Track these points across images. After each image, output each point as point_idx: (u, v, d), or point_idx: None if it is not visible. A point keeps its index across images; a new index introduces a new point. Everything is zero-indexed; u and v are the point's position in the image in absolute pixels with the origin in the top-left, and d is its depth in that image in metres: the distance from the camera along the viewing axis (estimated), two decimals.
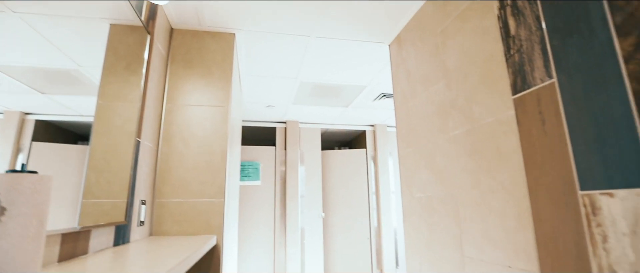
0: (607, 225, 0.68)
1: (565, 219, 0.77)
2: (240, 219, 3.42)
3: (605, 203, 0.68)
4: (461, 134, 1.16)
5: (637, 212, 0.62)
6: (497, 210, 0.98)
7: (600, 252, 0.69)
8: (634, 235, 0.63)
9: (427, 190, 1.38)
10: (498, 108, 0.99)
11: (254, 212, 3.48)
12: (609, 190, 0.67)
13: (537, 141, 0.85)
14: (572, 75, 0.76)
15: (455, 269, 1.18)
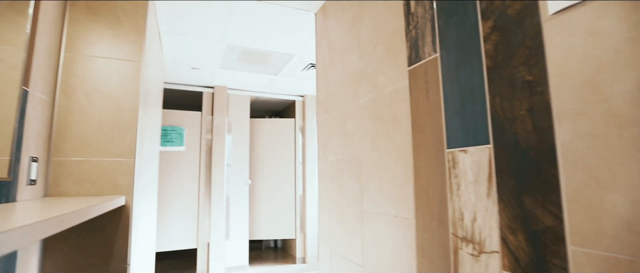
0: (461, 176, 0.83)
1: (435, 172, 0.92)
2: (162, 185, 3.28)
3: (461, 159, 0.83)
4: (368, 101, 1.27)
5: (479, 164, 0.78)
6: (390, 168, 1.12)
7: (454, 198, 0.85)
8: (476, 183, 0.79)
9: (339, 153, 1.50)
10: (397, 78, 1.10)
11: (178, 179, 3.36)
12: (465, 148, 0.82)
13: (422, 107, 0.98)
14: (450, 51, 0.89)
15: (356, 222, 1.32)
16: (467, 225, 0.81)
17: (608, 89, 0.55)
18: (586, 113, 0.58)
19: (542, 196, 0.64)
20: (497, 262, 0.73)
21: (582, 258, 0.58)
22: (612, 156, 0.54)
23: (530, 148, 0.67)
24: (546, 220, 0.64)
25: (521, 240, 0.68)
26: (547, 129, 0.64)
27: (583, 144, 0.58)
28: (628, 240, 0.52)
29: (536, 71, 0.67)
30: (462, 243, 0.82)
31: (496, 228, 0.74)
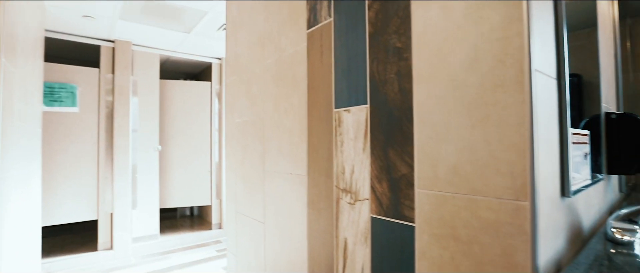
0: (344, 133, 0.91)
1: (325, 131, 0.99)
2: (49, 151, 2.86)
3: (345, 118, 0.91)
4: (272, 63, 1.27)
5: (358, 123, 0.86)
6: (288, 129, 1.16)
7: (338, 154, 0.93)
8: (355, 140, 0.88)
9: (244, 115, 1.49)
10: (297, 40, 1.12)
11: (71, 144, 2.96)
12: (348, 108, 0.90)
13: (317, 69, 1.03)
14: (342, 15, 0.93)
15: (259, 182, 1.36)
16: (347, 177, 0.90)
17: (450, 57, 0.65)
18: (434, 77, 0.68)
19: (401, 149, 0.75)
20: (367, 207, 0.84)
21: (423, 198, 0.70)
22: (448, 113, 0.65)
23: (396, 108, 0.76)
24: (402, 168, 0.75)
25: (385, 187, 0.79)
26: (408, 91, 0.73)
27: (431, 104, 0.68)
28: (453, 181, 0.64)
29: (404, 39, 0.75)
30: (343, 193, 0.92)
31: (368, 179, 0.84)
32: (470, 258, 0.62)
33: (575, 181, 0.67)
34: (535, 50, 0.56)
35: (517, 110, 0.55)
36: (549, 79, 0.62)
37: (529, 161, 0.54)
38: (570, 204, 0.69)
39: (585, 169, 0.75)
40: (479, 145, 0.60)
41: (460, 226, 0.63)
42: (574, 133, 0.69)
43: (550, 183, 0.61)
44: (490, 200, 0.58)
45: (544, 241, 0.57)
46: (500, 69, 0.57)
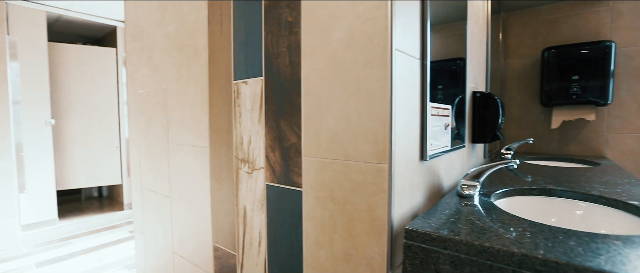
0: (242, 105, 0.92)
1: (225, 102, 0.98)
2: None
3: (243, 89, 0.92)
4: (173, 30, 1.20)
5: (255, 94, 0.88)
6: (191, 100, 1.13)
7: (237, 125, 0.94)
8: (252, 111, 0.89)
9: (147, 85, 1.39)
10: (198, 7, 1.07)
11: None
12: (246, 79, 0.91)
13: (217, 40, 1.00)
14: None
15: (163, 155, 1.30)
16: (245, 147, 0.92)
17: (332, 34, 0.70)
18: (319, 52, 0.72)
19: (291, 119, 0.79)
20: (262, 176, 0.88)
21: (308, 165, 0.76)
22: (329, 86, 0.71)
23: (287, 80, 0.80)
24: (292, 138, 0.79)
25: (277, 156, 0.83)
26: (297, 65, 0.77)
27: (315, 77, 0.73)
28: (332, 148, 0.71)
29: (295, 14, 0.77)
30: (242, 163, 0.94)
31: (263, 148, 0.87)
32: (344, 215, 0.70)
33: (433, 148, 0.79)
34: (397, 32, 0.64)
35: (381, 85, 0.63)
36: (413, 59, 0.71)
37: (388, 129, 0.62)
38: (429, 166, 0.82)
39: (446, 138, 0.89)
40: (353, 116, 0.67)
41: (337, 189, 0.71)
42: (435, 107, 0.81)
43: (410, 149, 0.71)
44: (360, 164, 0.66)
45: (401, 197, 0.68)
46: (370, 47, 0.64)
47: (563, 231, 0.59)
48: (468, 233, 0.58)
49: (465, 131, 1.11)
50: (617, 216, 0.79)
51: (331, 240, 0.73)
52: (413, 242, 0.61)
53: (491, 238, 0.56)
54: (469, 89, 1.15)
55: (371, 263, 0.67)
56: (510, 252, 0.50)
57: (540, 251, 0.50)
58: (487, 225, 0.63)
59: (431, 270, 0.59)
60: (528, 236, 0.57)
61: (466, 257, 0.55)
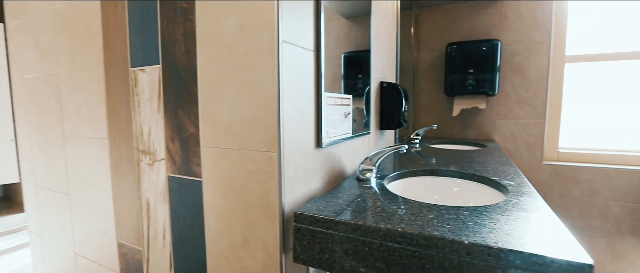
0: (141, 94, 0.88)
1: (122, 91, 0.92)
2: None
3: (141, 77, 0.87)
4: (63, 7, 1.07)
5: (152, 83, 0.84)
6: (86, 88, 1.03)
7: (136, 115, 0.90)
8: (150, 100, 0.86)
9: (35, 69, 1.23)
10: None
11: None
12: (143, 67, 0.86)
13: (112, 23, 0.93)
14: None
15: (58, 149, 1.18)
16: (146, 138, 0.88)
17: (224, 23, 0.70)
18: (212, 41, 0.72)
19: (189, 109, 0.78)
20: (163, 167, 0.85)
21: (207, 154, 0.76)
22: (223, 76, 0.71)
23: (183, 68, 0.78)
24: (190, 128, 0.78)
25: (177, 146, 0.81)
26: (193, 53, 0.75)
27: (210, 67, 0.73)
28: (228, 138, 0.72)
29: (189, 0, 0.75)
30: (142, 155, 0.90)
31: (163, 139, 0.84)
32: (241, 203, 0.72)
33: (330, 135, 0.85)
34: (286, 24, 0.66)
35: (270, 76, 0.65)
36: (305, 51, 0.74)
37: (276, 119, 0.65)
38: (328, 153, 0.87)
39: (346, 126, 0.95)
40: (245, 106, 0.68)
41: (234, 177, 0.72)
42: (333, 96, 0.86)
43: (304, 137, 0.75)
44: (253, 153, 0.68)
45: (293, 183, 0.72)
46: (259, 38, 0.65)
47: (429, 206, 0.68)
48: (349, 213, 0.64)
49: (371, 119, 1.20)
50: (483, 190, 0.93)
51: (231, 227, 0.74)
52: (301, 225, 0.65)
53: (366, 216, 0.62)
54: (375, 80, 1.24)
55: (267, 247, 0.70)
56: (378, 228, 0.57)
57: (402, 225, 0.57)
58: (369, 204, 0.70)
59: (317, 250, 0.64)
60: (398, 212, 0.64)
61: (344, 235, 0.61)
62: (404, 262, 0.55)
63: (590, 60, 1.85)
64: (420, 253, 0.54)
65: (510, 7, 1.88)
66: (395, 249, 0.56)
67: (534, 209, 0.66)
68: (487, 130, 2.00)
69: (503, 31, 1.91)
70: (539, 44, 1.85)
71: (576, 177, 1.85)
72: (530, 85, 1.90)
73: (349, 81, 1.15)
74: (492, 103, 1.97)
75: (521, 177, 0.94)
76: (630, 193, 1.76)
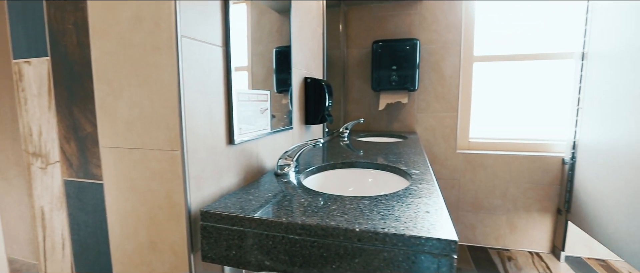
0: (27, 89, 0.78)
1: (5, 86, 0.81)
2: None
3: (26, 71, 0.77)
4: None
5: (41, 77, 0.76)
6: None
7: (23, 113, 0.80)
8: (39, 96, 0.77)
9: None
10: None
11: None
12: (28, 59, 0.77)
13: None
14: None
15: None
16: (36, 139, 0.79)
17: (119, 14, 0.65)
18: (107, 33, 0.67)
19: (85, 106, 0.71)
20: (58, 170, 0.77)
21: (107, 154, 0.71)
22: (121, 71, 0.66)
23: (76, 62, 0.71)
24: (87, 127, 0.72)
25: (73, 147, 0.75)
26: (86, 45, 0.69)
27: (106, 61, 0.68)
28: (129, 137, 0.68)
29: None
30: (33, 158, 0.80)
31: (56, 140, 0.76)
32: (146, 204, 0.69)
33: (244, 132, 0.84)
34: (187, 19, 0.64)
35: (169, 71, 0.62)
36: (212, 46, 0.73)
37: (178, 116, 0.63)
38: (242, 149, 0.87)
39: (264, 122, 0.96)
40: (145, 103, 0.65)
41: (137, 178, 0.68)
42: (247, 93, 0.85)
43: (213, 134, 0.74)
44: (156, 152, 0.66)
45: (201, 181, 0.70)
46: (157, 32, 0.62)
47: (335, 198, 0.72)
48: (256, 209, 0.65)
49: (293, 114, 1.22)
50: (394, 179, 1.01)
51: (136, 230, 0.71)
52: (208, 223, 0.65)
53: (271, 210, 0.64)
54: (298, 75, 1.26)
55: (174, 248, 0.68)
56: (280, 222, 0.59)
57: (303, 217, 0.60)
58: (279, 199, 0.72)
59: (224, 247, 0.64)
60: (304, 205, 0.67)
61: (249, 230, 0.61)
62: (304, 253, 0.58)
63: (494, 60, 2.09)
64: (318, 243, 0.57)
65: (428, 9, 2.04)
66: (296, 241, 0.58)
67: (427, 195, 0.74)
68: (410, 123, 2.16)
69: (422, 31, 2.06)
70: (452, 44, 2.05)
71: (482, 163, 2.09)
72: (445, 82, 2.09)
73: (281, 76, 1.16)
74: (414, 97, 2.13)
75: (426, 166, 1.04)
76: (523, 176, 2.05)
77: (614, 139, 1.56)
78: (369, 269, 0.55)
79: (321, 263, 0.57)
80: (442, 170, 2.16)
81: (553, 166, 2.00)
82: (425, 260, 0.52)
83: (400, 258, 0.53)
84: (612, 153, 1.56)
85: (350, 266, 0.56)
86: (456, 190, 2.16)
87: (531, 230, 2.09)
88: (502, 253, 2.12)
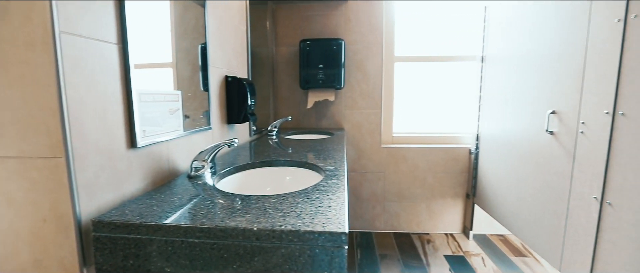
0: None
1: None
2: None
3: None
4: None
5: None
6: None
7: None
8: None
9: None
10: None
11: None
12: None
13: None
14: None
15: None
16: None
17: None
18: None
19: None
20: None
21: None
22: None
23: None
24: None
25: None
26: None
27: None
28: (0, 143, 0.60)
29: None
30: None
31: None
32: (26, 219, 0.61)
33: (149, 134, 0.80)
34: (66, 12, 0.59)
35: (46, 70, 0.56)
36: (104, 44, 0.68)
37: (59, 120, 0.57)
38: (148, 153, 0.83)
39: (175, 122, 0.92)
40: (19, 105, 0.58)
41: (14, 190, 0.61)
42: (153, 93, 0.81)
43: (109, 138, 0.69)
44: (36, 160, 0.59)
45: (95, 189, 0.65)
46: (30, 26, 0.56)
47: (242, 197, 0.72)
48: (155, 214, 0.63)
49: (212, 114, 1.19)
50: (311, 175, 1.04)
51: (16, 249, 0.63)
52: (101, 233, 0.60)
53: (172, 215, 0.62)
54: (217, 74, 1.23)
55: (64, 264, 0.62)
56: (178, 226, 0.58)
57: (203, 220, 0.59)
58: (184, 202, 0.70)
59: (120, 258, 0.60)
60: (209, 207, 0.66)
61: (146, 237, 0.59)
62: (205, 256, 0.58)
63: (412, 60, 2.27)
64: (218, 244, 0.57)
65: (352, 10, 2.14)
66: (196, 244, 0.58)
67: (333, 191, 0.78)
68: (338, 120, 2.24)
69: (347, 32, 2.15)
70: (374, 45, 2.17)
71: (404, 156, 2.26)
72: (370, 80, 2.21)
73: (207, 73, 1.11)
74: (341, 95, 2.21)
75: (342, 162, 1.10)
76: (438, 166, 2.27)
77: (503, 131, 1.80)
78: (268, 267, 0.57)
79: (222, 265, 0.57)
80: (369, 164, 2.29)
81: (462, 156, 2.25)
82: (320, 253, 0.56)
83: (298, 253, 0.56)
84: (503, 143, 1.81)
85: (251, 265, 0.57)
86: (382, 182, 2.31)
87: (446, 214, 2.33)
88: (422, 237, 2.32)
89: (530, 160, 1.56)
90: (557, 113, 1.36)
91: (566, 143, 1.31)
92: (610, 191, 1.10)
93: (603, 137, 1.12)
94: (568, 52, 1.29)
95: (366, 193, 2.33)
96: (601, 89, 1.13)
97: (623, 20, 1.04)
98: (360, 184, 2.32)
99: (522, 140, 1.64)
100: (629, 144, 1.04)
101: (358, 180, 2.31)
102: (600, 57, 1.14)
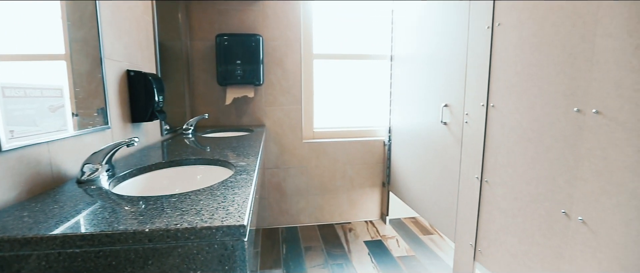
0: None
1: None
2: None
3: None
4: None
5: None
6: None
7: None
8: None
9: None
10: None
11: None
12: None
13: None
14: None
15: None
16: None
17: None
18: None
19: None
20: None
21: None
22: None
23: None
24: None
25: None
26: None
27: None
28: None
29: None
30: None
31: None
32: None
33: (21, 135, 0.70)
34: None
35: None
36: None
37: None
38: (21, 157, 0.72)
39: (58, 122, 0.81)
40: None
41: None
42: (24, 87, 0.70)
43: None
44: None
45: None
46: None
47: (138, 199, 0.68)
48: (24, 227, 0.55)
49: (110, 111, 1.08)
50: (223, 173, 1.02)
51: None
52: None
53: (42, 226, 0.55)
54: (115, 68, 1.11)
55: None
56: (53, 236, 0.52)
57: (84, 228, 0.54)
58: (66, 210, 0.63)
59: None
60: (96, 213, 0.61)
61: (11, 254, 0.51)
62: (89, 266, 0.53)
63: (330, 58, 2.36)
64: (104, 251, 0.53)
65: (270, 7, 2.13)
66: (77, 254, 0.52)
67: (241, 186, 0.78)
68: (259, 116, 2.23)
69: (265, 28, 2.14)
70: (293, 42, 2.20)
71: (325, 150, 2.35)
72: (290, 77, 2.23)
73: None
74: (261, 91, 2.19)
75: (255, 158, 1.09)
76: (357, 158, 2.41)
77: (410, 124, 2.00)
78: (165, 269, 0.54)
79: None
80: (292, 159, 2.32)
81: (378, 148, 2.42)
82: (219, 248, 0.55)
83: (195, 251, 0.55)
84: (410, 135, 2.01)
85: (144, 269, 0.54)
86: (305, 176, 2.36)
87: (366, 202, 2.49)
88: (345, 226, 2.44)
89: (431, 148, 1.76)
90: (449, 106, 1.56)
91: (456, 131, 1.51)
92: (487, 171, 1.31)
93: (480, 126, 1.32)
94: (455, 53, 1.48)
95: (290, 188, 2.36)
96: (478, 85, 1.33)
97: (491, 28, 1.24)
98: (284, 180, 2.34)
99: (424, 131, 1.83)
100: (498, 131, 1.24)
101: (282, 175, 2.33)
102: (476, 58, 1.33)
